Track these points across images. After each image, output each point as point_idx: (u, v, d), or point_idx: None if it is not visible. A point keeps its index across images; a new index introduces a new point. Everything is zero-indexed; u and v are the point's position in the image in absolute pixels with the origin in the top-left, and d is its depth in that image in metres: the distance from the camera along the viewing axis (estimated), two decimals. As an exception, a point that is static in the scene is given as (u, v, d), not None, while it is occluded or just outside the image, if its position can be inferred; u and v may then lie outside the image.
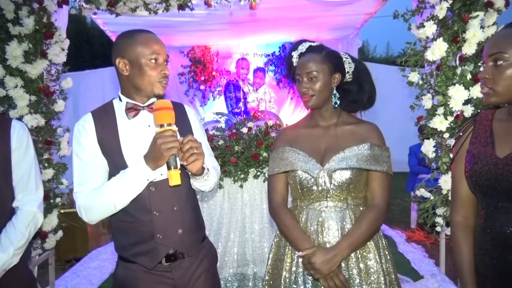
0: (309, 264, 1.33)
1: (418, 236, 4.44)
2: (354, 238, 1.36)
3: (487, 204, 1.21)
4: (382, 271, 1.40)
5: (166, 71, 1.39)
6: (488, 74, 1.15)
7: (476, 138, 1.26)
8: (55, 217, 2.81)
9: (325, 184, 1.41)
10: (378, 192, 1.44)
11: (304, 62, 1.44)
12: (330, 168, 1.40)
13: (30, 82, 2.70)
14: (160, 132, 1.25)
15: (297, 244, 1.40)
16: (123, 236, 1.43)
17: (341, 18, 4.94)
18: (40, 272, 3.06)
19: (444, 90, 2.52)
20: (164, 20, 4.08)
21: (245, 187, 3.31)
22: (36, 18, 2.70)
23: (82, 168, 1.37)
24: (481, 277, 1.24)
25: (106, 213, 1.35)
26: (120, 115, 1.42)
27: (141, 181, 1.31)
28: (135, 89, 1.40)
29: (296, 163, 1.45)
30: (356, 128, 1.48)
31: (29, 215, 1.53)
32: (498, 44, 1.13)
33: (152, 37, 1.39)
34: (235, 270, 3.23)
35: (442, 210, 2.64)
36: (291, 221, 1.45)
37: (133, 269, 1.41)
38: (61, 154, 2.92)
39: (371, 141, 1.43)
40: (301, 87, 1.45)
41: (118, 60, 1.38)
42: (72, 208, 4.04)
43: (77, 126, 1.40)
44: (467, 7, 2.48)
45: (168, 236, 1.40)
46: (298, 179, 1.46)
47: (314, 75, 1.42)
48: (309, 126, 1.55)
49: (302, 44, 1.48)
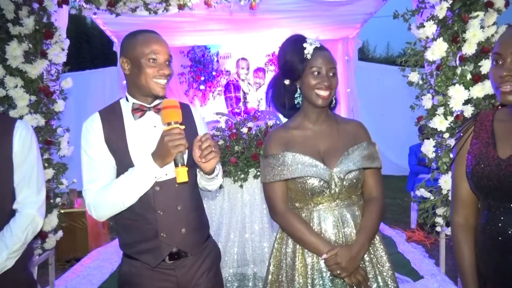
0: (335, 265, 1.33)
1: (418, 236, 4.44)
2: (369, 231, 1.40)
3: (489, 205, 1.20)
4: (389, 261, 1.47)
5: (165, 70, 1.38)
6: (511, 71, 1.10)
7: (477, 138, 1.25)
8: (55, 217, 2.81)
9: (336, 186, 1.40)
10: (375, 186, 1.49)
11: (327, 57, 1.43)
12: (341, 171, 1.40)
13: (30, 82, 2.70)
14: (168, 130, 1.27)
15: (316, 247, 1.37)
16: (127, 233, 1.45)
17: (341, 18, 4.94)
18: (40, 272, 3.06)
19: (444, 90, 2.52)
20: (164, 20, 4.08)
21: (245, 187, 3.31)
22: (36, 18, 2.70)
23: (90, 165, 1.39)
24: (482, 278, 1.24)
25: (115, 210, 1.37)
26: (127, 115, 1.44)
27: (149, 178, 1.34)
28: (136, 88, 1.42)
29: (303, 169, 1.39)
30: (347, 127, 1.51)
31: (27, 218, 1.49)
32: None
33: (153, 36, 1.39)
34: (235, 270, 3.23)
35: (442, 210, 2.64)
36: (304, 225, 1.41)
37: (137, 266, 1.43)
38: (61, 154, 2.92)
39: (363, 139, 1.48)
40: (322, 81, 1.40)
41: (121, 60, 1.41)
42: (72, 208, 4.05)
43: (85, 125, 1.42)
44: (467, 7, 2.48)
45: (171, 235, 1.42)
46: (309, 185, 1.40)
47: (334, 72, 1.43)
48: (300, 128, 1.50)
49: (309, 38, 1.47)
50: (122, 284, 1.48)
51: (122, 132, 1.40)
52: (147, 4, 3.12)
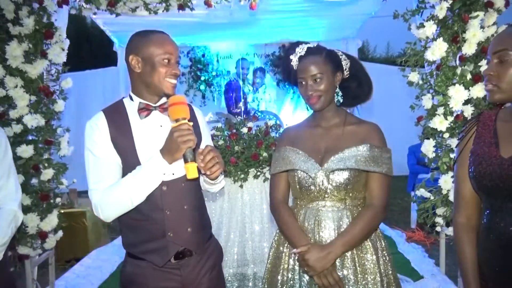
0: (303, 261, 1.34)
1: (418, 236, 4.43)
2: (348, 236, 1.36)
3: (491, 204, 1.21)
4: (379, 272, 1.40)
5: (177, 71, 1.43)
6: (493, 71, 1.16)
7: (479, 138, 1.26)
8: (55, 217, 2.80)
9: (323, 184, 1.42)
10: (376, 192, 1.43)
11: (307, 65, 1.43)
12: (328, 168, 1.41)
13: (30, 82, 2.70)
14: (176, 126, 1.28)
15: (294, 241, 1.42)
16: (133, 233, 1.45)
17: (341, 18, 4.93)
18: (40, 272, 3.06)
19: (444, 90, 2.52)
20: (164, 20, 4.07)
21: (245, 187, 3.31)
22: (36, 18, 2.69)
23: (96, 164, 1.38)
24: (484, 278, 1.24)
25: (123, 209, 1.37)
26: (132, 115, 1.44)
27: (158, 175, 1.34)
28: (146, 86, 1.42)
29: (295, 163, 1.47)
30: (357, 129, 1.48)
31: (10, 213, 1.56)
32: (503, 42, 1.15)
33: (167, 37, 1.44)
34: (235, 270, 3.23)
35: (442, 210, 2.64)
36: (289, 218, 1.46)
37: (142, 266, 1.43)
38: (61, 154, 2.91)
39: (372, 142, 1.43)
40: (307, 90, 1.44)
41: (131, 57, 1.40)
42: (72, 208, 4.05)
43: (90, 124, 1.41)
44: (467, 7, 2.48)
45: (178, 234, 1.43)
46: (297, 178, 1.47)
47: (319, 77, 1.42)
48: (311, 126, 1.55)
49: (300, 46, 1.47)
50: (126, 285, 1.48)
51: (129, 131, 1.41)
52: (147, 4, 3.11)
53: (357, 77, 1.50)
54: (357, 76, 1.51)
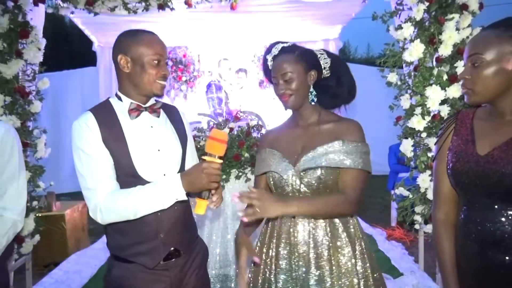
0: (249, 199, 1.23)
1: (398, 234, 4.51)
2: (306, 201, 1.33)
3: (468, 201, 1.24)
4: (356, 274, 1.37)
5: (166, 72, 1.42)
6: (468, 74, 1.20)
7: (457, 136, 1.29)
8: (32, 220, 2.74)
9: (296, 184, 1.41)
10: (350, 183, 1.36)
11: (278, 64, 1.43)
12: (299, 168, 1.40)
13: (5, 83, 2.63)
14: (209, 161, 1.27)
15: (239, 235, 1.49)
16: (122, 236, 1.43)
17: (322, 19, 4.98)
18: (17, 277, 2.98)
19: (422, 91, 2.57)
20: (144, 20, 4.03)
21: (227, 187, 3.29)
22: (11, 17, 2.63)
23: (90, 164, 1.33)
24: (462, 272, 1.27)
25: (124, 217, 1.34)
26: (122, 115, 1.42)
27: (170, 198, 1.32)
28: (134, 87, 1.41)
29: (271, 164, 1.47)
30: (335, 126, 1.44)
31: (8, 223, 1.50)
32: (475, 46, 1.19)
33: (156, 38, 1.43)
34: (217, 271, 3.22)
35: (420, 208, 2.69)
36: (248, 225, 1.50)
37: (131, 269, 1.41)
38: (37, 156, 2.85)
39: (347, 138, 1.39)
40: (278, 89, 1.45)
41: (120, 57, 1.38)
42: (49, 212, 3.95)
43: (78, 123, 1.36)
44: (443, 9, 2.54)
45: (169, 235, 1.43)
46: (272, 180, 1.48)
47: (289, 76, 1.41)
48: (291, 126, 1.55)
49: (275, 46, 1.47)
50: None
51: (120, 132, 1.38)
52: (126, 3, 3.07)
53: (337, 77, 1.49)
54: (337, 75, 1.49)
